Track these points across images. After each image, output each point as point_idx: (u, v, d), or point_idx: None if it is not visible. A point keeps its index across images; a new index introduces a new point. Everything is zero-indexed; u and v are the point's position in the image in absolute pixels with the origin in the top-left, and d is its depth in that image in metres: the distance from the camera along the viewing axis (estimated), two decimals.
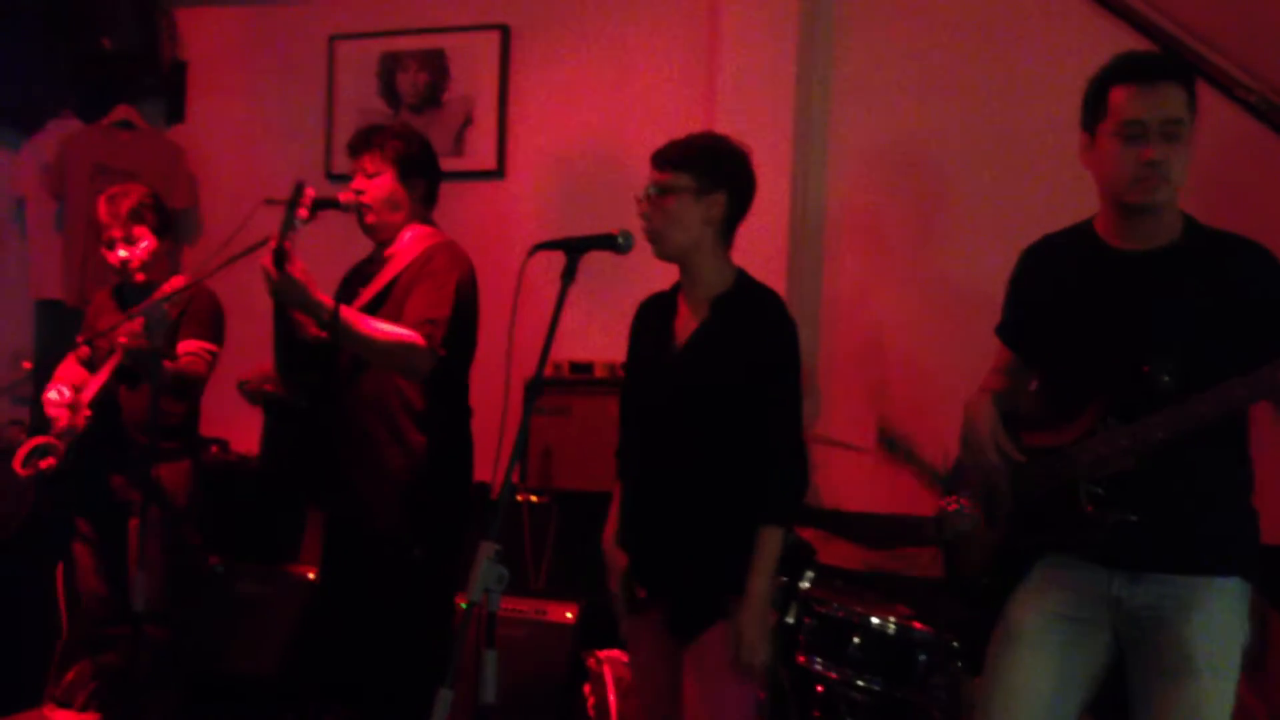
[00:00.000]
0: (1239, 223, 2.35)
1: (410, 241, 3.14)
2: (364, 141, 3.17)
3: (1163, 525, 2.23)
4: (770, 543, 2.50)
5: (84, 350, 3.67)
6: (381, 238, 3.19)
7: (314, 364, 3.04)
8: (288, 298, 2.84)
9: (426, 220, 3.22)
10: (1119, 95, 2.25)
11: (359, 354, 2.98)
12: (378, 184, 3.13)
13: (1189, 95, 2.24)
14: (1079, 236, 2.39)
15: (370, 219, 3.15)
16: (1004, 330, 2.57)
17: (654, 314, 2.74)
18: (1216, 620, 2.22)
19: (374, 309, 3.03)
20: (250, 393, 3.23)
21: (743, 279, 2.64)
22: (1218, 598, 2.23)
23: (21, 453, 3.55)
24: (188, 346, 3.55)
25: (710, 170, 2.56)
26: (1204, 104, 2.30)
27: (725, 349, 2.56)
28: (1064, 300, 2.37)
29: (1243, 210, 3.33)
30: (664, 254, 2.62)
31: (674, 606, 2.58)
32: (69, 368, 3.70)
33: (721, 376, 2.55)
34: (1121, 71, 2.27)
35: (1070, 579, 2.32)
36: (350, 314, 2.90)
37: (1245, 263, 2.25)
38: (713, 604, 2.53)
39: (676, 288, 2.71)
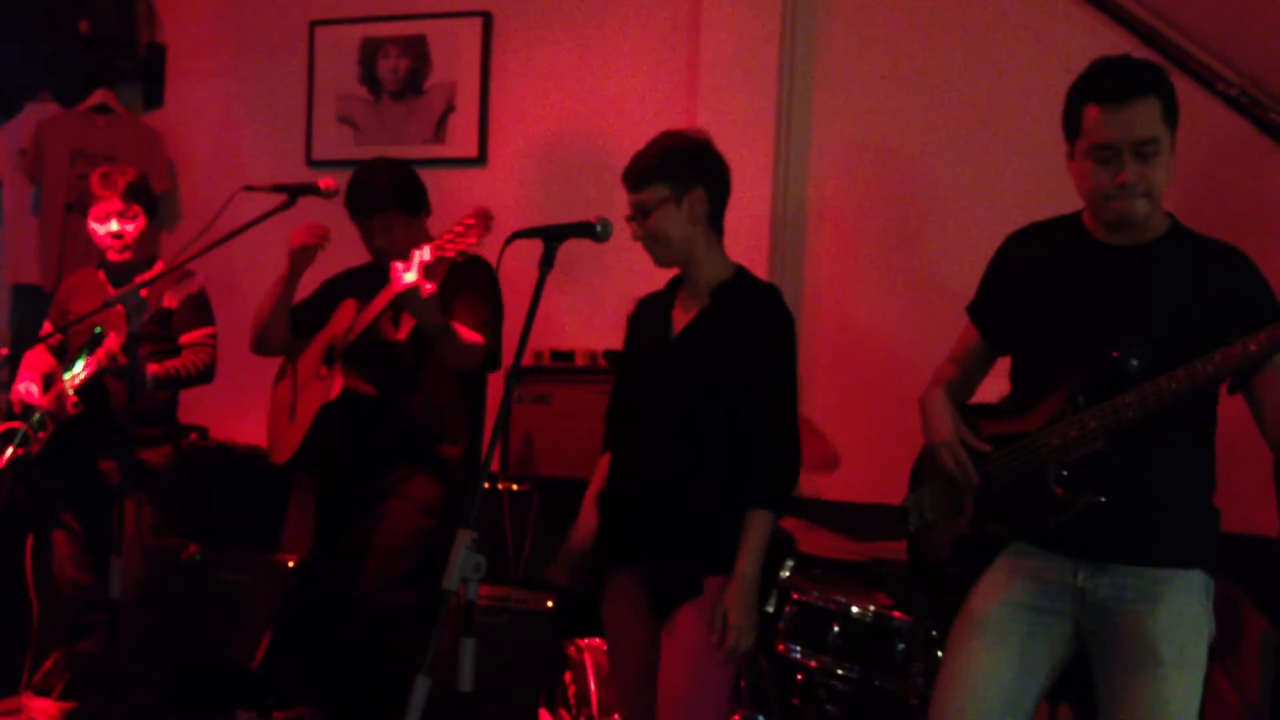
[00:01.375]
0: (1221, 217, 2.38)
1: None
2: (382, 204, 3.33)
3: (1128, 515, 2.24)
4: (759, 525, 2.52)
5: (55, 339, 3.64)
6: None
7: (381, 359, 3.27)
8: (416, 304, 2.98)
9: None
10: (1091, 115, 2.24)
11: (443, 353, 3.17)
12: (409, 234, 3.31)
13: (1164, 105, 2.22)
14: (1066, 226, 2.40)
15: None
16: (975, 309, 2.57)
17: (652, 308, 2.78)
18: (1181, 613, 2.23)
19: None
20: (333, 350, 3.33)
21: (743, 273, 2.69)
22: (1182, 590, 2.24)
23: None
24: (190, 337, 3.57)
25: (680, 172, 2.59)
26: (1185, 98, 2.30)
27: (723, 335, 2.59)
28: (1043, 285, 2.38)
29: (1224, 204, 3.36)
30: (664, 264, 2.68)
31: (654, 580, 2.60)
32: (38, 355, 3.66)
33: (718, 362, 2.57)
34: (1093, 88, 2.25)
35: (1034, 569, 2.33)
36: (457, 324, 3.14)
37: (1226, 267, 2.26)
38: (691, 580, 2.54)
39: (674, 284, 2.74)
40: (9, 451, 3.51)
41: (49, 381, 3.54)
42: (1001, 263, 2.52)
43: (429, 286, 2.95)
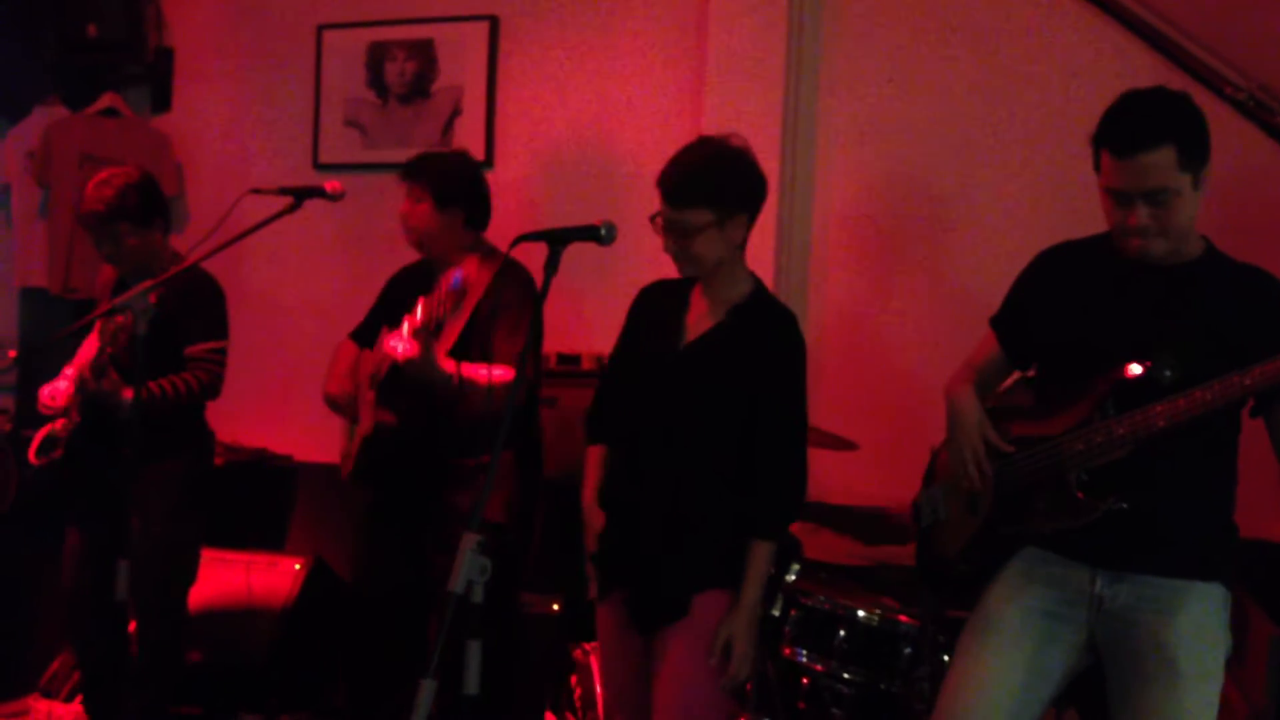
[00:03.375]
0: (1228, 221, 2.36)
1: (478, 271, 3.29)
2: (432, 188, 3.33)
3: (1148, 524, 2.23)
4: (761, 556, 2.50)
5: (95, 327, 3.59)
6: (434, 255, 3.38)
7: (412, 387, 3.17)
8: (416, 371, 2.99)
9: (480, 244, 3.40)
10: (1105, 160, 2.21)
11: (471, 402, 3.14)
12: (451, 235, 3.33)
13: (1182, 151, 2.14)
14: (1099, 245, 2.37)
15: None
16: (999, 321, 2.55)
17: (663, 301, 2.70)
18: (1200, 624, 2.22)
19: (464, 343, 3.20)
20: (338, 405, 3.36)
21: (760, 290, 2.63)
22: (1200, 602, 2.23)
23: (35, 442, 3.50)
24: (195, 350, 3.42)
25: (728, 198, 2.50)
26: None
27: (735, 355, 2.54)
28: (1076, 304, 2.36)
29: (1231, 208, 3.34)
30: (690, 276, 2.62)
31: (635, 599, 2.57)
32: (90, 344, 3.62)
33: (726, 382, 2.53)
34: (1108, 134, 2.21)
35: (1052, 575, 2.32)
36: (467, 370, 3.09)
37: (1260, 293, 2.24)
38: (675, 601, 2.51)
39: (690, 282, 2.67)
40: (55, 454, 3.48)
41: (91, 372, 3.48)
42: (1032, 279, 2.49)
43: (417, 352, 2.94)
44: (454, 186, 3.34)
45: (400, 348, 2.92)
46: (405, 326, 2.92)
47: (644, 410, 2.64)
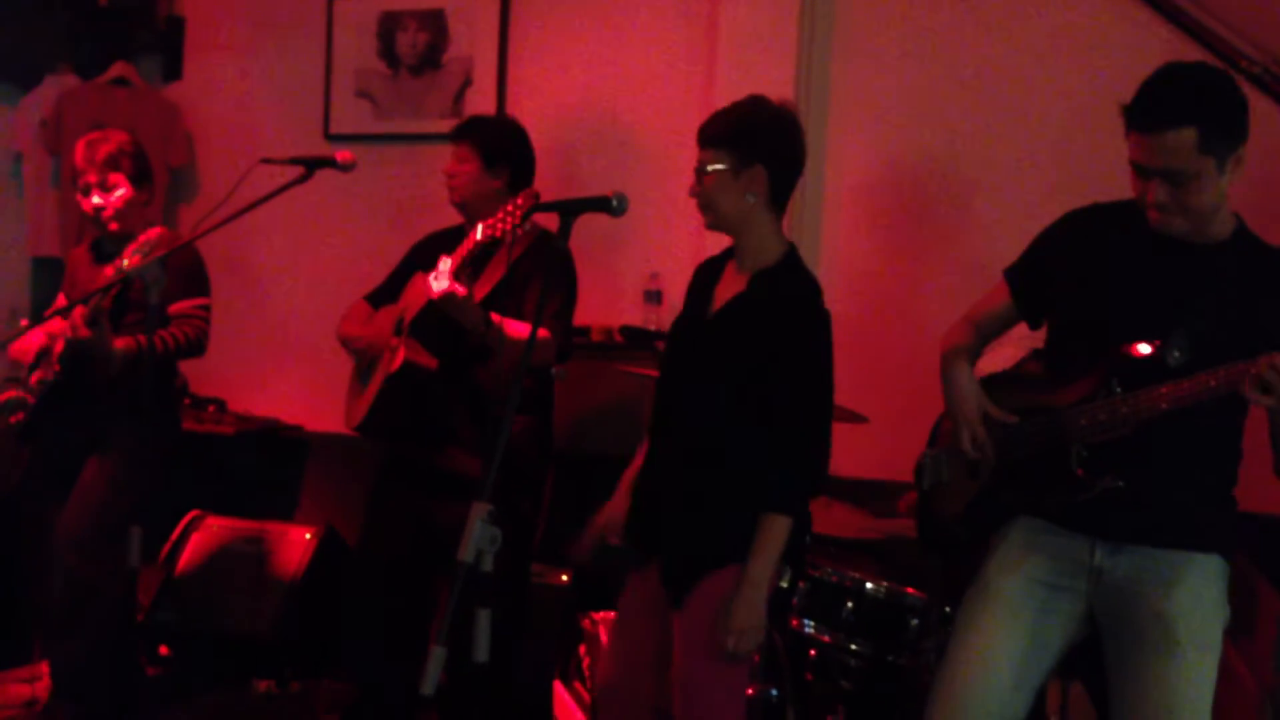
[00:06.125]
0: (1242, 195, 2.34)
1: (515, 238, 3.30)
2: (462, 132, 3.41)
3: (1148, 497, 2.24)
4: (773, 530, 2.45)
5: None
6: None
7: (447, 331, 3.18)
8: (454, 309, 3.03)
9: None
10: (1130, 133, 2.21)
11: (503, 353, 3.15)
12: (476, 184, 3.35)
13: (1203, 133, 2.12)
14: (1128, 211, 2.34)
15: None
16: (1015, 274, 2.53)
17: (704, 277, 2.72)
18: (1198, 595, 2.23)
19: (494, 304, 3.17)
20: (359, 351, 3.34)
21: (790, 258, 2.62)
22: (1199, 574, 2.24)
23: None
24: (179, 307, 3.46)
25: (744, 147, 2.52)
26: None
27: (754, 325, 2.54)
28: (1099, 267, 2.34)
29: (1246, 184, 3.32)
30: (712, 229, 2.64)
31: (665, 564, 2.58)
32: (54, 326, 3.66)
33: (744, 351, 2.53)
34: (1134, 108, 2.20)
35: (1051, 546, 2.33)
36: (510, 326, 3.09)
37: None
38: (699, 568, 2.51)
39: (729, 252, 2.69)
40: (11, 419, 3.50)
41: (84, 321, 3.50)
42: (1057, 237, 2.46)
43: (461, 290, 2.97)
44: (501, 148, 3.38)
45: (440, 284, 2.97)
46: (443, 264, 2.99)
47: (673, 382, 2.67)
